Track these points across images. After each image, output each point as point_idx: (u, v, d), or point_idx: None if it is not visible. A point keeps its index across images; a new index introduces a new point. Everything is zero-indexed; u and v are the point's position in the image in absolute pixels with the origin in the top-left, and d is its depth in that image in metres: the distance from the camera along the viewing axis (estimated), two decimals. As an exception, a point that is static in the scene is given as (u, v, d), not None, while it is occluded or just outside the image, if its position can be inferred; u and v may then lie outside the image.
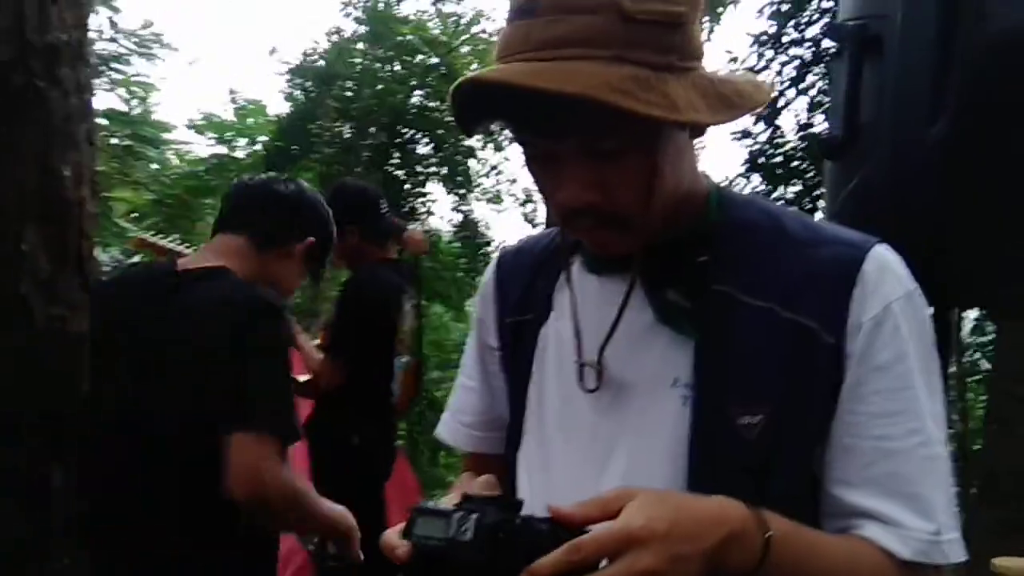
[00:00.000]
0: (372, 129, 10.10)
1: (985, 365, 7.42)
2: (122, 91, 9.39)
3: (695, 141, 0.80)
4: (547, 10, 0.71)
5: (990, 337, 7.21)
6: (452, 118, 0.79)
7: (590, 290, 0.86)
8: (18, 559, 1.48)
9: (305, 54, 10.74)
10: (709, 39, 11.30)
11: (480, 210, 11.81)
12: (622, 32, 0.70)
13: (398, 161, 10.71)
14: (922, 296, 0.80)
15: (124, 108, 9.27)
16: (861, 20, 1.45)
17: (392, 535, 0.70)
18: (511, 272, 0.96)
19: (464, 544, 0.65)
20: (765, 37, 7.23)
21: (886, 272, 0.79)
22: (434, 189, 11.06)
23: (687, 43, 0.74)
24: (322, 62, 10.62)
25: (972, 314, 7.42)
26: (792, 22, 7.01)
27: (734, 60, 7.60)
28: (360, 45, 10.69)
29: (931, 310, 1.70)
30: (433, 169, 10.93)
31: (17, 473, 1.49)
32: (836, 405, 0.76)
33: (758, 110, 0.80)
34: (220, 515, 1.60)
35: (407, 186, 10.65)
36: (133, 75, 8.92)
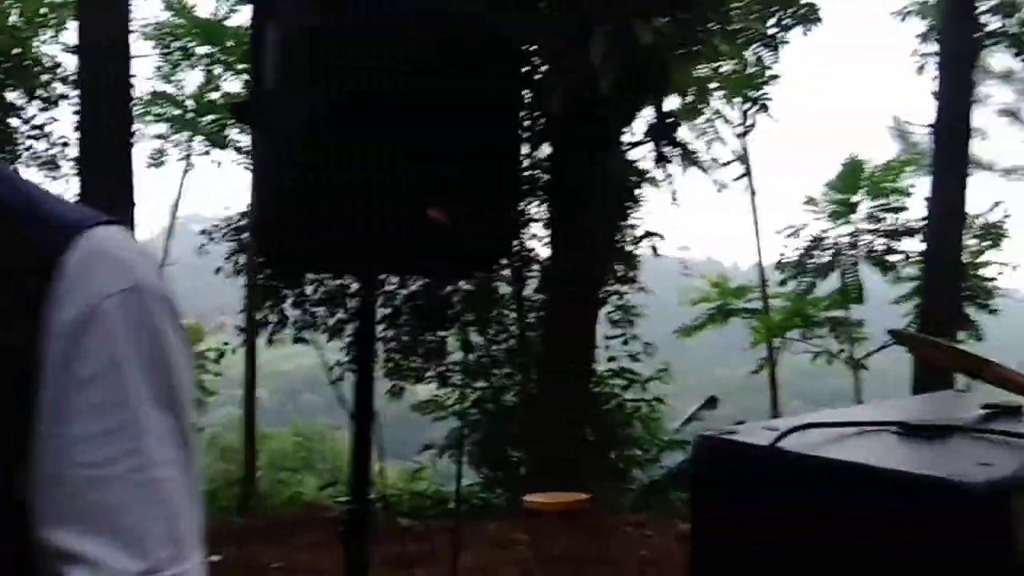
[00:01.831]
0: None
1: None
2: None
3: None
4: None
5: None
6: None
7: None
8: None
9: None
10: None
11: (35, 177, 10.42)
12: None
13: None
14: (155, 290, 0.66)
15: None
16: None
17: None
18: None
19: None
20: None
21: (99, 262, 0.64)
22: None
23: None
24: None
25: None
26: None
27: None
28: None
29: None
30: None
31: None
32: (34, 427, 0.62)
33: None
34: None
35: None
36: None
